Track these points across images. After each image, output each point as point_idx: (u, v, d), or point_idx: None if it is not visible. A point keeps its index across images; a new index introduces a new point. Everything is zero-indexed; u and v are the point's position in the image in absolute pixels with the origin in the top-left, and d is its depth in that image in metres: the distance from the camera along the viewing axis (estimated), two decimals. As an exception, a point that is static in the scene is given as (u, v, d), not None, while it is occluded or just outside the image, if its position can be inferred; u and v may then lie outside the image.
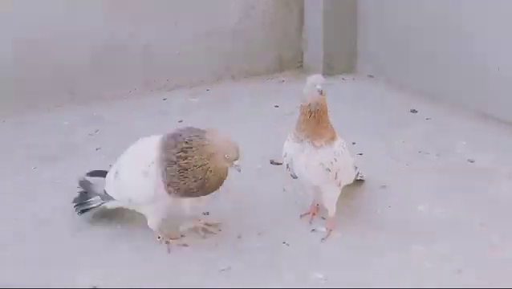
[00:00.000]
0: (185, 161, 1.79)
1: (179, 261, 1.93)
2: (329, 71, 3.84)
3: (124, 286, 1.80)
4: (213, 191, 1.89)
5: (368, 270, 1.86)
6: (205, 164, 1.79)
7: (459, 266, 1.86)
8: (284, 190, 2.35)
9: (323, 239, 2.01)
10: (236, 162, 1.83)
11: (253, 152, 2.47)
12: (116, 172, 1.97)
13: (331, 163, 1.91)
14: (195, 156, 1.79)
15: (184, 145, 1.80)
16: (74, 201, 2.14)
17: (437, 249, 1.95)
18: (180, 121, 3.13)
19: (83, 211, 2.10)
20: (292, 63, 4.06)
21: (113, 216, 2.15)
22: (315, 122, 1.87)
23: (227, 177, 1.91)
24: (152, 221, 1.98)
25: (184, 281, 1.83)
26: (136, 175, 1.87)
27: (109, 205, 2.06)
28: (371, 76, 3.79)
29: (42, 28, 3.27)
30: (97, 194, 2.07)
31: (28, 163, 2.64)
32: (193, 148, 1.79)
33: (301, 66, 4.07)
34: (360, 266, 1.87)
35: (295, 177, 2.03)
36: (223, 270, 1.87)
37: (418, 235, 2.03)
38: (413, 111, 3.18)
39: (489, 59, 2.95)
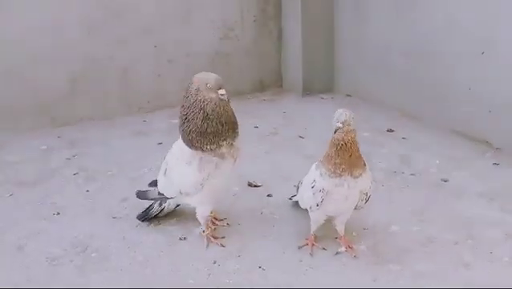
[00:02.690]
0: (184, 109, 1.96)
1: (154, 284, 1.92)
2: (308, 90, 3.91)
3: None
4: (228, 128, 1.96)
5: (342, 292, 1.87)
6: (198, 100, 1.93)
7: (433, 284, 1.88)
8: (261, 213, 2.37)
9: (337, 253, 2.06)
10: (220, 91, 1.93)
11: (231, 174, 2.48)
12: (165, 171, 2.12)
13: (369, 188, 1.99)
14: (188, 99, 1.95)
15: (183, 98, 1.98)
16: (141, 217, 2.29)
17: (412, 268, 1.97)
18: (160, 143, 3.14)
19: (147, 219, 2.28)
20: (272, 83, 4.11)
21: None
22: (348, 155, 1.88)
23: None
24: (201, 213, 2.12)
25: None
26: (180, 166, 2.03)
27: (167, 206, 2.23)
28: (348, 95, 3.85)
29: (19, 52, 3.27)
30: (153, 199, 2.23)
31: (4, 189, 2.62)
32: (186, 95, 1.97)
33: (281, 85, 4.13)
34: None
35: (311, 208, 2.01)
36: (198, 296, 1.87)
37: (393, 255, 2.05)
38: (390, 130, 3.24)
39: (461, 80, 3.03)
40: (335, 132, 1.88)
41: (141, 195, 2.29)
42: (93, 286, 1.93)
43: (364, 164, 1.95)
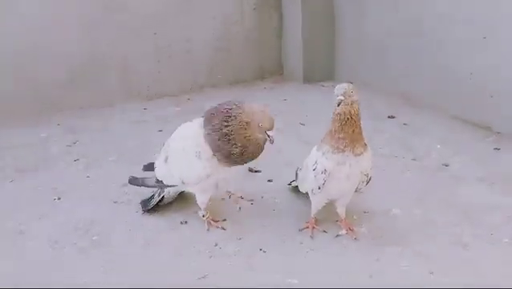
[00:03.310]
0: (227, 128, 1.92)
1: (156, 267, 1.93)
2: (309, 78, 3.90)
3: None
4: (251, 159, 1.99)
5: (342, 273, 1.88)
6: (243, 132, 1.92)
7: (433, 265, 1.89)
8: (262, 198, 2.37)
9: (338, 235, 2.05)
10: (269, 132, 1.93)
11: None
12: (166, 158, 2.08)
13: (370, 169, 1.97)
14: (234, 124, 1.92)
15: (226, 114, 1.93)
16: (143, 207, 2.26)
17: (412, 249, 1.98)
18: (160, 130, 3.14)
19: (149, 210, 2.24)
20: (273, 71, 4.10)
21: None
22: (351, 129, 1.87)
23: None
24: (202, 199, 2.13)
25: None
26: (187, 156, 1.99)
27: (167, 194, 2.21)
28: (350, 83, 3.82)
29: (19, 40, 3.26)
30: (150, 186, 2.20)
31: (4, 175, 2.62)
32: (232, 117, 1.92)
33: (282, 73, 4.11)
34: (335, 271, 1.89)
35: (313, 191, 2.00)
36: (199, 278, 1.87)
37: (393, 237, 2.05)
38: (391, 116, 3.23)
39: (463, 66, 3.01)
40: (338, 105, 1.86)
41: (134, 182, 2.25)
42: (94, 269, 1.93)
43: (365, 144, 1.94)
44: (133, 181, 2.26)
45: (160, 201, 2.23)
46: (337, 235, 2.07)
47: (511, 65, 2.78)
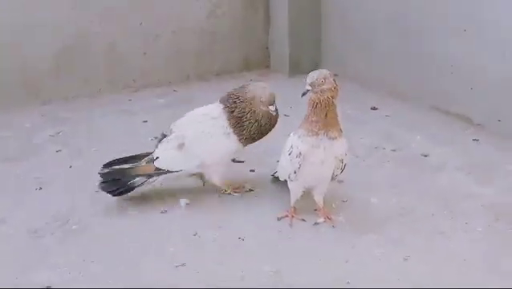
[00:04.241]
0: (237, 111, 2.16)
1: (135, 255, 1.95)
2: (295, 70, 3.91)
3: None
4: (268, 132, 2.24)
5: (318, 260, 1.91)
6: (251, 109, 2.15)
7: (408, 252, 1.93)
8: (243, 187, 2.39)
9: (316, 223, 2.09)
10: (270, 107, 2.15)
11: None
12: (181, 144, 2.20)
13: (346, 154, 2.00)
14: (242, 104, 2.16)
15: (233, 98, 2.18)
16: (105, 188, 2.20)
17: (389, 236, 2.02)
18: (145, 121, 3.15)
19: (120, 193, 2.21)
20: (259, 63, 4.10)
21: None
22: (323, 113, 1.91)
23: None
24: (218, 178, 2.29)
25: (140, 279, 1.85)
26: (213, 137, 2.18)
27: (152, 182, 2.23)
28: (335, 75, 3.82)
29: (2, 28, 3.23)
30: (137, 176, 2.20)
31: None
32: (239, 98, 2.17)
33: (268, 66, 4.12)
34: (311, 258, 1.92)
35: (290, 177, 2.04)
36: (177, 266, 1.89)
37: (370, 225, 2.09)
38: (374, 108, 3.26)
39: (443, 58, 3.05)
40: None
41: (113, 173, 2.20)
42: (73, 258, 1.94)
43: (341, 130, 1.97)
44: (110, 186, 2.18)
45: (139, 185, 2.21)
46: (315, 223, 2.10)
47: (491, 58, 2.81)
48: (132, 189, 2.21)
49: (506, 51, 2.74)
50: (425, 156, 2.64)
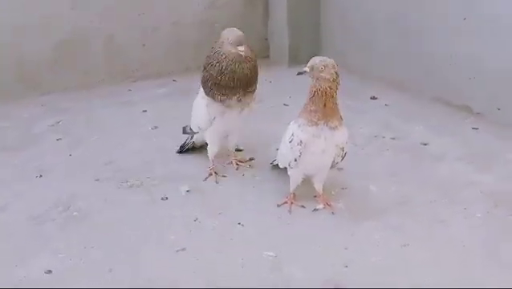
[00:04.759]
0: (206, 58, 2.14)
1: (136, 241, 1.96)
2: (294, 60, 3.90)
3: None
4: (240, 84, 2.12)
5: (318, 246, 1.92)
6: (216, 53, 2.11)
7: (407, 239, 1.94)
8: (243, 175, 2.40)
9: (315, 210, 2.10)
10: (239, 47, 2.07)
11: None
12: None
13: (346, 143, 1.99)
14: (212, 49, 2.14)
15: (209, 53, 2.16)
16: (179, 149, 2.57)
17: (388, 223, 2.03)
18: (145, 111, 3.15)
19: (181, 152, 2.56)
20: (259, 53, 4.06)
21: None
22: (322, 103, 1.90)
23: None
24: (212, 150, 2.36)
25: (140, 264, 1.85)
26: (198, 106, 2.28)
27: (195, 140, 2.50)
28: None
29: (3, 21, 3.22)
30: (187, 133, 2.49)
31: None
32: (212, 47, 2.16)
33: (268, 56, 4.12)
34: (311, 244, 1.93)
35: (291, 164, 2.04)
36: (177, 250, 1.90)
37: (369, 213, 2.10)
38: (373, 98, 3.26)
39: (443, 49, 3.04)
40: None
41: (184, 130, 2.50)
42: (73, 244, 1.95)
43: (341, 119, 1.97)
44: (184, 129, 2.50)
45: (191, 144, 2.53)
46: (314, 209, 2.11)
47: (490, 47, 2.81)
48: (184, 148, 2.55)
49: (506, 41, 2.74)
50: (425, 144, 2.65)
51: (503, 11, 2.73)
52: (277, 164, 2.29)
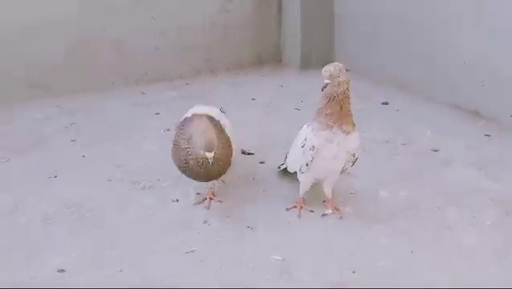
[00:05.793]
0: (176, 138, 2.10)
1: (146, 242, 1.99)
2: (307, 64, 3.92)
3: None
4: (198, 177, 2.07)
5: (326, 250, 1.93)
6: (189, 153, 2.00)
7: (414, 244, 1.94)
8: (253, 179, 2.42)
9: (324, 215, 2.10)
10: (207, 154, 1.93)
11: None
12: None
13: (358, 148, 2.00)
14: (181, 135, 2.05)
15: (181, 128, 2.09)
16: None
17: (396, 228, 2.03)
18: (157, 113, 3.19)
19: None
20: (271, 57, 4.12)
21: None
22: (338, 106, 1.91)
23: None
24: None
25: (150, 265, 1.88)
26: None
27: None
28: (347, 70, 3.83)
29: (15, 23, 3.27)
30: None
31: (0, 155, 2.65)
32: (181, 132, 2.06)
33: (280, 60, 4.13)
34: (319, 248, 1.94)
35: (302, 169, 2.03)
36: (187, 252, 1.92)
37: (378, 218, 2.10)
38: (385, 103, 3.26)
39: (455, 54, 3.04)
40: (322, 89, 1.91)
41: None
42: (85, 245, 1.98)
43: (354, 124, 1.98)
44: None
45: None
46: (323, 214, 2.11)
47: (502, 53, 2.79)
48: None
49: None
50: (435, 150, 2.64)
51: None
52: (284, 169, 2.31)
